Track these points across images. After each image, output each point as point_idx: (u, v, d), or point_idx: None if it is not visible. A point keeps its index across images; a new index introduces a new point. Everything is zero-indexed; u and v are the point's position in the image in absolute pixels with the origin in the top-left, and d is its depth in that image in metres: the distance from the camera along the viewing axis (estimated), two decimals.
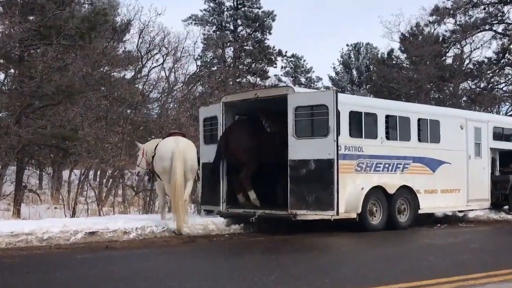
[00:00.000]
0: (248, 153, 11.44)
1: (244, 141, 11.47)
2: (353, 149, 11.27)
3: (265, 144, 11.54)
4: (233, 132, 11.57)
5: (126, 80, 22.25)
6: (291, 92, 10.94)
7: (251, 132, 11.57)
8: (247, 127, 11.72)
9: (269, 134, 11.63)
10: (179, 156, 10.31)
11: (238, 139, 11.46)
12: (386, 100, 15.90)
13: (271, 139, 11.56)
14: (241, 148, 11.41)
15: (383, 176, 11.78)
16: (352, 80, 48.99)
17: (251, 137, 11.51)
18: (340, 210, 10.37)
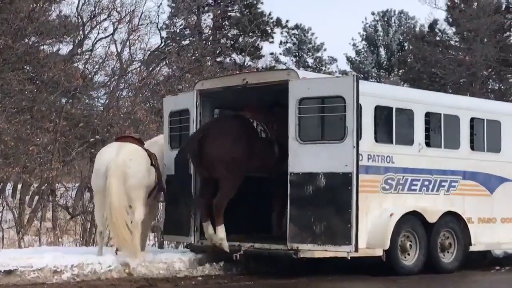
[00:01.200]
0: (231, 167, 10.99)
1: (226, 149, 11.01)
2: (380, 159, 11.29)
3: (257, 154, 11.28)
4: (211, 135, 11.20)
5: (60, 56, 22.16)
6: (294, 78, 10.95)
7: (237, 136, 11.22)
8: (231, 128, 11.39)
9: (264, 140, 11.48)
10: (116, 171, 10.58)
11: (217, 145, 11.07)
12: (426, 91, 16.00)
13: (267, 147, 11.43)
14: (222, 159, 10.97)
15: (420, 198, 11.81)
16: (379, 63, 49.30)
17: (237, 144, 11.14)
18: (360, 244, 10.37)
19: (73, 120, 18.89)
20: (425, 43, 35.12)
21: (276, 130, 11.47)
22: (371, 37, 49.69)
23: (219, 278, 10.85)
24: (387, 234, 11.07)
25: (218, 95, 12.23)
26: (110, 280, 10.09)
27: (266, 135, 11.48)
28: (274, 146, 11.42)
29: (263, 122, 11.56)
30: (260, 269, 11.33)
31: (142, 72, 23.20)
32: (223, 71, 24.60)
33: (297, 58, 49.44)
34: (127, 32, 23.21)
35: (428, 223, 11.70)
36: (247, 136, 11.23)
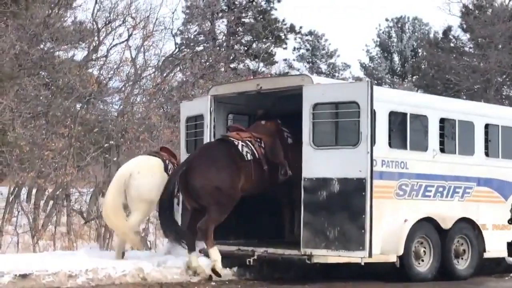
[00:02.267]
0: (217, 196, 10.76)
1: (210, 179, 10.78)
2: (394, 165, 11.28)
3: (245, 177, 11.02)
4: (194, 166, 10.91)
5: (75, 62, 22.25)
6: (308, 83, 10.97)
7: (220, 165, 10.93)
8: (214, 157, 11.07)
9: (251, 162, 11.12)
10: (119, 179, 11.38)
11: (201, 176, 10.80)
12: (440, 97, 15.98)
13: (255, 169, 11.11)
14: (206, 190, 10.77)
15: (435, 204, 11.79)
16: (392, 69, 49.23)
17: (221, 172, 10.86)
18: (374, 250, 10.36)
19: (88, 126, 18.94)
20: (439, 49, 35.09)
21: (264, 146, 11.30)
22: (385, 43, 49.63)
23: (232, 283, 10.86)
24: (401, 240, 11.06)
25: (232, 100, 12.28)
26: (124, 285, 10.15)
27: (253, 155, 11.18)
28: (263, 164, 11.20)
29: (249, 142, 11.26)
30: (274, 274, 11.32)
31: (156, 78, 23.25)
32: (236, 77, 24.63)
33: (311, 64, 49.48)
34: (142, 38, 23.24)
35: (442, 229, 11.68)
36: (231, 162, 10.98)
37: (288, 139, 11.60)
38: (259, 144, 11.29)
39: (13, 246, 14.18)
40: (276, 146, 11.35)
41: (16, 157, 15.62)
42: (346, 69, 49.52)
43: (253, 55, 37.12)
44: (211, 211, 10.77)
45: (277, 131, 11.55)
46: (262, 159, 11.20)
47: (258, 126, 11.67)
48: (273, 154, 11.26)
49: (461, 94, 30.57)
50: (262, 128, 11.57)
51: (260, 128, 11.59)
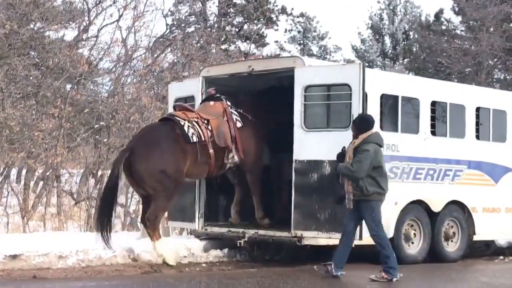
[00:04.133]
0: (162, 180, 10.38)
1: (154, 163, 10.36)
2: (385, 147, 11.20)
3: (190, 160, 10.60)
4: (137, 150, 10.45)
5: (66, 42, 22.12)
6: (300, 65, 10.95)
7: (164, 147, 10.50)
8: (157, 140, 10.62)
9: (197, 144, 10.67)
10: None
11: (144, 161, 10.38)
12: (432, 80, 15.95)
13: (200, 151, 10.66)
14: (151, 174, 10.38)
15: (425, 186, 11.84)
16: (384, 52, 49.12)
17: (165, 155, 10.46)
18: (365, 232, 10.38)
19: (78, 106, 18.87)
20: (431, 32, 35.05)
21: (211, 128, 10.88)
22: (377, 25, 49.46)
23: (223, 264, 10.90)
24: (391, 223, 11.12)
25: (223, 82, 12.24)
26: (115, 266, 10.15)
27: (199, 137, 10.69)
28: (209, 148, 10.76)
29: (196, 122, 10.79)
30: (264, 256, 11.36)
31: (147, 59, 23.17)
32: (228, 59, 24.54)
33: (302, 46, 49.31)
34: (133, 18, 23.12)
35: (433, 212, 11.76)
36: (176, 143, 10.54)
37: (237, 122, 11.19)
38: (206, 126, 10.84)
39: (3, 227, 14.18)
40: (223, 130, 10.92)
41: (6, 137, 15.58)
42: (337, 52, 49.39)
43: (245, 37, 36.97)
44: (157, 199, 10.47)
45: (225, 113, 11.12)
46: (208, 142, 10.74)
47: (206, 107, 11.21)
48: (219, 138, 10.84)
49: (452, 77, 30.56)
50: (210, 109, 11.13)
51: (208, 109, 11.14)
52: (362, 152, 9.55)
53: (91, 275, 9.56)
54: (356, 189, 9.61)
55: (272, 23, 40.76)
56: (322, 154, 10.45)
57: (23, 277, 9.16)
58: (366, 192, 9.60)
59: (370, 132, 9.77)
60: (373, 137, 9.76)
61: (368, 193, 9.61)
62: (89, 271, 9.76)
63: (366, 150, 9.54)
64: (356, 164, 9.51)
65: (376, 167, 9.66)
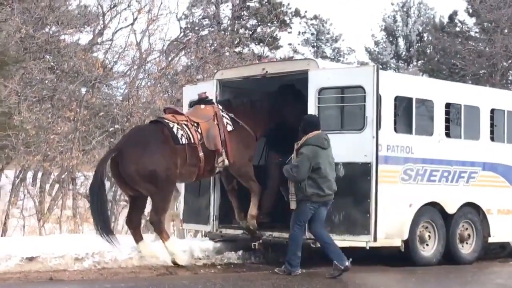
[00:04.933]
0: (154, 180, 10.25)
1: (144, 163, 10.23)
2: (399, 149, 11.28)
3: (179, 161, 10.50)
4: (126, 150, 10.36)
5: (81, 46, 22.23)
6: (314, 67, 10.96)
7: (153, 147, 10.39)
8: (146, 139, 10.55)
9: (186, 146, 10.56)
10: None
11: (134, 161, 10.25)
12: (446, 82, 15.92)
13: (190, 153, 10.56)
14: (142, 175, 10.23)
15: (440, 188, 11.81)
16: (397, 54, 49.02)
17: (155, 155, 10.33)
18: (379, 235, 10.40)
19: (93, 110, 18.93)
20: (445, 34, 34.95)
21: (201, 131, 10.75)
22: (390, 27, 49.37)
23: (237, 267, 10.92)
24: (406, 225, 11.09)
25: (237, 84, 12.27)
26: (131, 268, 10.20)
27: (188, 139, 10.58)
28: (199, 151, 10.65)
29: (185, 125, 10.69)
30: (278, 258, 11.37)
31: (161, 62, 23.24)
32: (241, 61, 24.57)
33: (316, 48, 49.33)
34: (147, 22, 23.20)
35: (447, 214, 11.72)
36: (164, 144, 10.43)
37: (228, 126, 11.06)
38: (196, 129, 10.73)
39: (19, 229, 14.26)
40: (213, 133, 10.80)
41: (22, 140, 15.64)
42: (351, 54, 49.39)
43: (258, 39, 37.00)
44: (154, 201, 10.46)
45: (215, 117, 10.98)
46: (198, 144, 10.64)
47: (197, 110, 11.11)
48: (209, 141, 10.71)
49: (466, 79, 30.48)
50: (200, 112, 11.01)
51: (199, 112, 11.03)
52: (299, 155, 9.92)
53: (107, 277, 9.60)
54: (298, 190, 9.96)
55: (285, 26, 40.79)
56: (336, 156, 10.43)
57: (40, 279, 9.22)
58: (305, 193, 9.90)
59: (312, 134, 9.98)
60: (312, 139, 9.97)
61: (307, 193, 9.90)
62: (105, 273, 9.81)
63: (303, 153, 9.88)
64: (295, 168, 9.89)
65: (315, 169, 9.87)
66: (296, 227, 10.10)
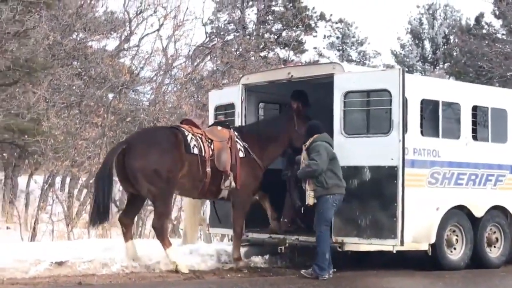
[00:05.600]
0: (154, 179, 10.06)
1: (150, 160, 10.08)
2: (426, 153, 11.21)
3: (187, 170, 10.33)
4: (135, 145, 10.30)
5: (108, 52, 22.44)
6: (339, 71, 10.94)
7: (164, 147, 10.26)
8: (158, 138, 10.49)
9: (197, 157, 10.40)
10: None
11: (140, 156, 10.12)
12: (473, 84, 15.80)
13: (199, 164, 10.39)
14: (144, 170, 10.05)
15: (467, 192, 11.70)
16: (424, 57, 48.74)
17: (164, 155, 10.19)
18: (406, 238, 10.33)
19: (120, 115, 19.10)
20: (471, 36, 34.65)
21: (213, 149, 10.60)
22: (416, 30, 49.08)
23: (264, 271, 10.91)
24: (433, 228, 11.00)
25: (263, 89, 12.28)
26: (158, 272, 10.22)
27: (200, 151, 10.45)
28: (207, 166, 10.45)
29: (200, 138, 10.57)
30: (305, 262, 11.35)
31: (187, 67, 23.37)
32: (267, 66, 24.61)
33: (341, 52, 49.20)
34: (173, 27, 23.38)
35: (475, 217, 11.60)
36: (175, 148, 10.29)
37: (240, 152, 10.91)
38: (209, 145, 10.59)
39: (49, 234, 14.38)
40: (225, 154, 10.65)
41: (51, 146, 15.82)
42: (376, 57, 49.18)
43: (283, 44, 37.00)
44: (155, 206, 10.37)
45: (230, 140, 10.84)
46: (207, 159, 10.47)
47: (213, 130, 11.06)
48: (219, 160, 10.55)
49: (493, 81, 30.18)
50: (216, 132, 10.93)
51: (215, 131, 10.95)
52: (315, 147, 10.05)
53: (135, 281, 9.65)
54: (317, 185, 9.99)
55: (310, 30, 40.75)
56: (363, 160, 10.41)
57: (69, 283, 9.27)
58: (326, 185, 9.96)
59: (317, 134, 10.25)
60: (320, 137, 10.22)
61: (328, 186, 9.97)
62: (133, 277, 9.85)
63: (316, 148, 10.05)
64: (317, 156, 9.96)
65: (331, 159, 10.07)
66: (322, 227, 10.07)
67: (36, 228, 14.63)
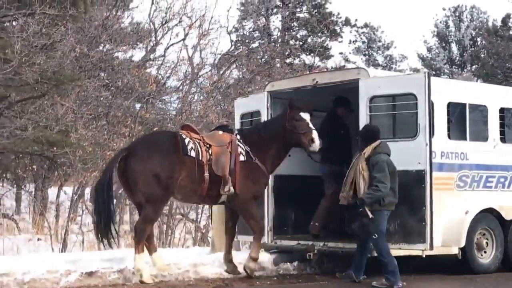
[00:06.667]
0: (153, 183, 9.99)
1: (150, 164, 10.03)
2: (454, 156, 11.16)
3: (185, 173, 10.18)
4: (136, 150, 10.28)
5: (134, 63, 22.59)
6: (364, 76, 10.94)
7: (163, 152, 10.19)
8: (158, 144, 10.41)
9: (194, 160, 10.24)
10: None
11: (140, 160, 10.10)
12: (500, 86, 15.66)
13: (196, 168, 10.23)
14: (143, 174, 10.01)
15: (496, 194, 11.63)
16: (451, 59, 48.50)
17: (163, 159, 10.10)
18: (435, 243, 10.29)
19: (148, 125, 19.19)
20: (499, 37, 34.39)
21: (212, 154, 10.39)
22: (443, 33, 48.89)
23: (293, 277, 10.92)
24: (462, 232, 10.94)
25: (288, 96, 12.29)
26: (187, 281, 10.26)
27: (197, 155, 10.29)
28: (205, 170, 10.27)
29: (198, 143, 10.41)
30: (334, 268, 11.34)
31: (213, 76, 23.46)
32: (292, 72, 24.62)
33: (367, 56, 49.13)
34: (198, 36, 23.47)
35: (505, 220, 11.52)
36: (174, 152, 10.20)
37: (241, 155, 10.56)
38: (206, 149, 10.40)
39: (79, 245, 14.50)
40: (223, 158, 10.40)
41: (79, 157, 15.92)
42: (403, 61, 49.09)
43: (309, 50, 37.03)
44: (145, 209, 10.17)
45: (230, 145, 10.57)
46: (205, 164, 10.30)
47: (214, 135, 10.87)
48: (218, 165, 10.32)
49: None
50: (216, 137, 10.72)
51: (215, 137, 10.75)
52: (381, 164, 9.73)
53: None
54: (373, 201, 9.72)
55: (336, 35, 40.71)
56: None
57: None
58: (383, 203, 9.78)
59: (377, 142, 9.91)
60: (383, 147, 9.94)
61: (384, 203, 9.79)
62: (163, 286, 9.90)
63: (384, 161, 9.77)
64: (385, 178, 9.69)
65: (392, 176, 9.83)
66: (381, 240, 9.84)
67: (66, 239, 14.76)
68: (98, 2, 19.74)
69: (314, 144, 10.34)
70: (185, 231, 15.96)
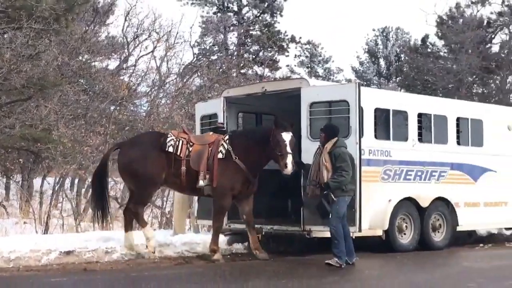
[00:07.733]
0: (136, 176, 10.13)
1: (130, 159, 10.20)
2: (379, 153, 11.28)
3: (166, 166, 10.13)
4: (126, 144, 10.73)
5: (109, 71, 22.32)
6: (305, 85, 10.99)
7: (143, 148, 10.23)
8: (141, 141, 10.61)
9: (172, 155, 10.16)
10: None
11: (124, 156, 10.36)
12: (419, 95, 15.92)
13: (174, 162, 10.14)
14: (126, 168, 10.29)
15: (414, 186, 11.80)
16: (379, 72, 48.99)
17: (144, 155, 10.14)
18: (363, 226, 10.40)
19: (120, 125, 18.99)
20: (419, 54, 34.87)
21: (191, 150, 10.20)
22: (372, 50, 49.35)
23: (244, 256, 10.90)
24: (386, 217, 11.08)
25: (241, 101, 12.30)
26: (152, 259, 10.18)
27: (175, 150, 10.15)
28: (182, 164, 10.11)
29: (181, 140, 10.25)
30: (279, 248, 11.36)
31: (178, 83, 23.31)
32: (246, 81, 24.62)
33: (309, 69, 49.30)
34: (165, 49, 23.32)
35: (421, 207, 11.70)
36: (154, 149, 10.18)
37: (220, 154, 10.21)
38: (187, 147, 10.21)
39: (59, 228, 14.27)
40: (200, 155, 10.15)
41: (60, 152, 15.69)
42: (339, 73, 49.35)
43: (260, 62, 37.06)
44: (136, 194, 10.33)
45: (213, 144, 10.31)
46: (183, 158, 10.12)
47: (203, 135, 10.82)
48: (194, 160, 10.12)
49: (437, 92, 30.36)
50: (204, 137, 10.55)
51: (203, 137, 10.64)
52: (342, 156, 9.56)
53: (133, 267, 9.61)
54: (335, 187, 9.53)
55: (283, 50, 40.85)
56: None
57: (75, 270, 9.24)
58: (345, 189, 9.63)
59: (336, 139, 9.75)
60: (342, 142, 9.80)
61: (346, 189, 9.66)
62: (131, 263, 9.81)
63: (344, 153, 9.62)
64: (347, 166, 9.55)
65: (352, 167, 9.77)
66: (337, 222, 9.62)
67: (48, 222, 14.47)
68: (78, 18, 19.40)
69: (286, 169, 9.69)
70: (152, 216, 15.81)
